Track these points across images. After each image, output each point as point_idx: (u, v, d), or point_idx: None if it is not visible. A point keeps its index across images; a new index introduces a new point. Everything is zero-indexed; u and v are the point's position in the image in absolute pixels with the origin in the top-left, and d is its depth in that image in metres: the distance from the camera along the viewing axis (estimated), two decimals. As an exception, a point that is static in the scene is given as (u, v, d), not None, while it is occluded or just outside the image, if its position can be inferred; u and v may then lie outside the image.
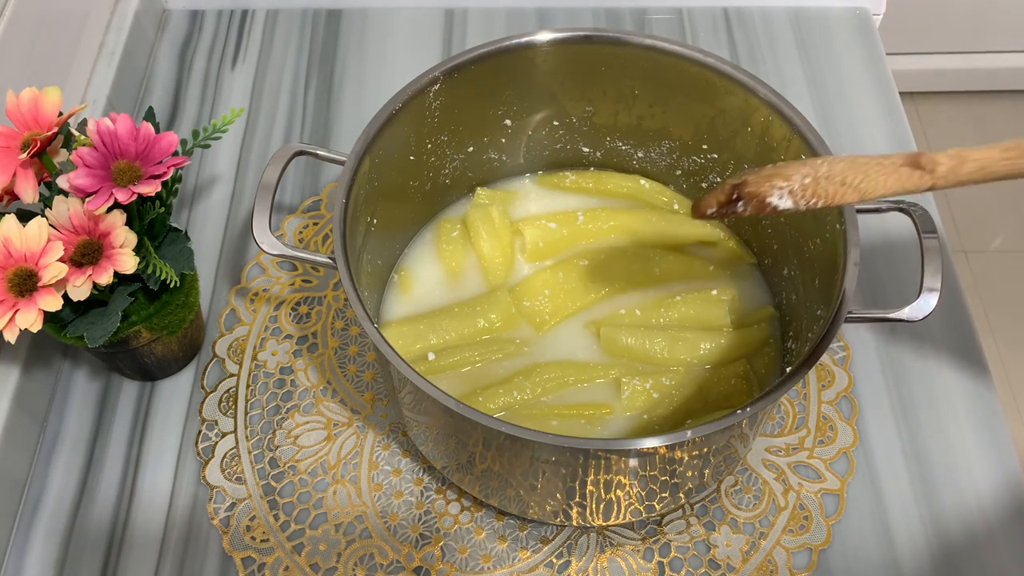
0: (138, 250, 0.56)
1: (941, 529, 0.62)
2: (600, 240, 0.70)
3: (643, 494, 0.56)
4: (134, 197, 0.54)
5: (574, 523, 0.60)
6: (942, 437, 0.66)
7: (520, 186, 0.74)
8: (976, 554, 0.61)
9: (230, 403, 0.67)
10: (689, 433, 0.48)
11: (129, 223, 0.56)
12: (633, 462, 0.52)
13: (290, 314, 0.71)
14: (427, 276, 0.69)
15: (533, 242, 0.69)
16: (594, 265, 0.68)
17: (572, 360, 0.65)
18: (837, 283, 0.54)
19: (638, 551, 0.61)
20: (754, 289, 0.69)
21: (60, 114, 0.57)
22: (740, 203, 0.47)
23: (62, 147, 0.59)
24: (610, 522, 0.59)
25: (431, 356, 0.64)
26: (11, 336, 0.53)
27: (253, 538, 0.62)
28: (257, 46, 0.88)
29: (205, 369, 0.69)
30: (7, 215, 0.55)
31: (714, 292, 0.67)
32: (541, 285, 0.67)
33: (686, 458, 0.53)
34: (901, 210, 0.58)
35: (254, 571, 0.61)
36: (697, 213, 0.50)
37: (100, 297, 0.58)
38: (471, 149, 0.69)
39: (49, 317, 0.56)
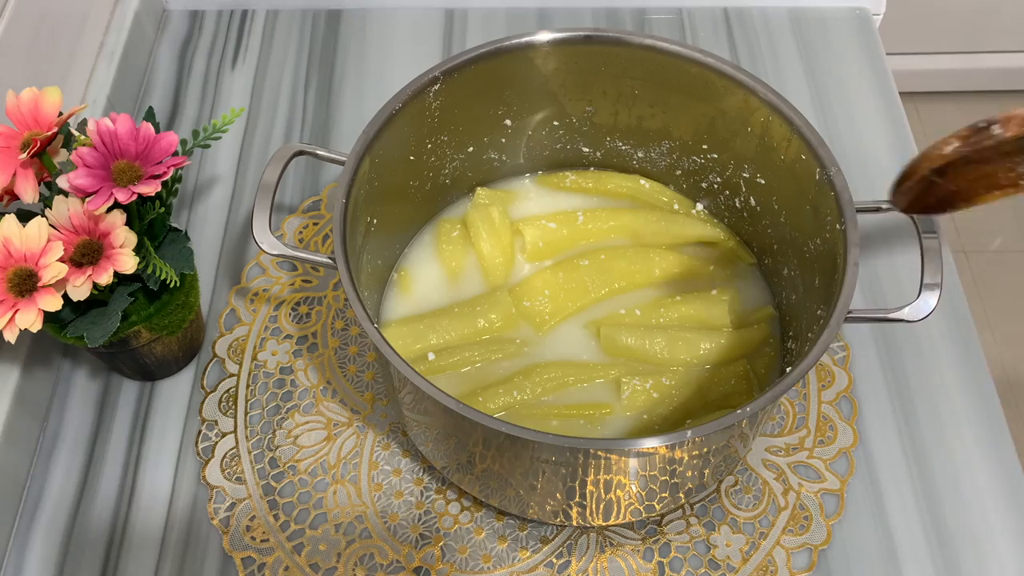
0: (138, 250, 0.56)
1: (941, 529, 0.62)
2: (600, 240, 0.70)
3: (643, 494, 0.56)
4: (134, 197, 0.54)
5: (574, 523, 0.60)
6: (942, 437, 0.66)
7: (520, 186, 0.74)
8: (976, 553, 0.61)
9: (230, 403, 0.67)
10: (689, 433, 0.48)
11: (129, 223, 0.56)
12: (633, 462, 0.52)
13: (290, 314, 0.71)
14: (427, 276, 0.69)
15: (533, 242, 0.69)
16: (594, 265, 0.68)
17: (572, 360, 0.65)
18: (837, 283, 0.54)
19: (638, 551, 0.61)
20: (754, 289, 0.69)
21: (60, 114, 0.57)
22: (995, 125, 0.44)
23: (62, 147, 0.59)
24: (610, 522, 0.59)
25: (431, 356, 0.64)
26: (11, 336, 0.53)
27: (253, 538, 0.62)
28: (257, 46, 0.88)
29: (205, 369, 0.69)
30: (7, 215, 0.55)
31: (714, 292, 0.67)
32: (541, 285, 0.67)
33: (686, 458, 0.53)
34: (901, 210, 0.58)
35: (254, 571, 0.61)
36: (927, 161, 0.46)
37: (100, 297, 0.58)
38: (471, 149, 0.69)
39: (49, 317, 0.56)
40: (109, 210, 0.55)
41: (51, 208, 0.55)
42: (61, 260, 0.53)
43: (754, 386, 0.64)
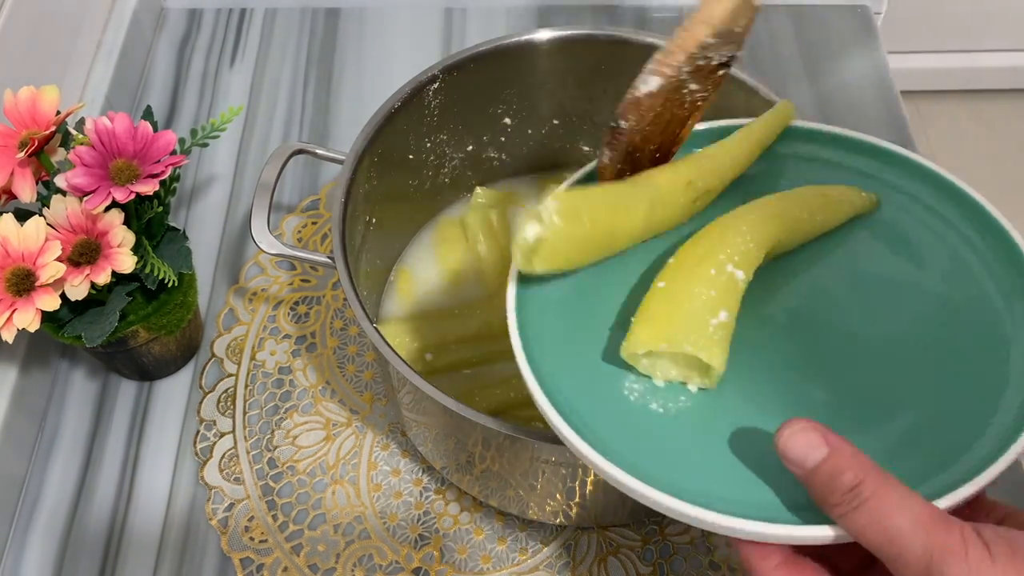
0: (136, 249, 0.56)
1: (942, 530, 0.62)
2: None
3: (643, 495, 0.56)
4: (132, 196, 0.54)
5: (574, 523, 0.60)
6: (943, 437, 0.66)
7: (520, 186, 0.74)
8: (977, 555, 0.61)
9: (228, 403, 0.67)
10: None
11: (127, 222, 0.56)
12: (633, 463, 0.52)
13: (288, 314, 0.71)
14: (426, 276, 0.69)
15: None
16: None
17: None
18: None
19: (638, 552, 0.61)
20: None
21: (58, 113, 0.56)
22: (620, 120, 0.46)
23: (60, 146, 0.59)
24: (610, 523, 0.59)
25: (429, 356, 0.64)
26: (9, 336, 0.52)
27: (251, 539, 0.61)
28: (256, 44, 0.88)
29: (203, 369, 0.69)
30: (5, 214, 0.55)
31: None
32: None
33: (686, 459, 0.53)
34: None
35: (252, 572, 0.60)
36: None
37: (98, 297, 0.58)
38: (470, 148, 0.69)
39: (47, 317, 0.56)
40: (107, 209, 0.55)
41: (49, 207, 0.55)
42: (59, 259, 0.53)
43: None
